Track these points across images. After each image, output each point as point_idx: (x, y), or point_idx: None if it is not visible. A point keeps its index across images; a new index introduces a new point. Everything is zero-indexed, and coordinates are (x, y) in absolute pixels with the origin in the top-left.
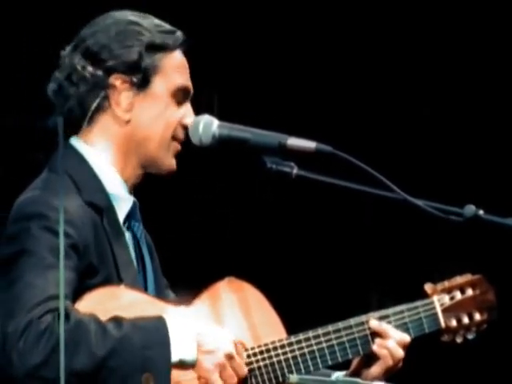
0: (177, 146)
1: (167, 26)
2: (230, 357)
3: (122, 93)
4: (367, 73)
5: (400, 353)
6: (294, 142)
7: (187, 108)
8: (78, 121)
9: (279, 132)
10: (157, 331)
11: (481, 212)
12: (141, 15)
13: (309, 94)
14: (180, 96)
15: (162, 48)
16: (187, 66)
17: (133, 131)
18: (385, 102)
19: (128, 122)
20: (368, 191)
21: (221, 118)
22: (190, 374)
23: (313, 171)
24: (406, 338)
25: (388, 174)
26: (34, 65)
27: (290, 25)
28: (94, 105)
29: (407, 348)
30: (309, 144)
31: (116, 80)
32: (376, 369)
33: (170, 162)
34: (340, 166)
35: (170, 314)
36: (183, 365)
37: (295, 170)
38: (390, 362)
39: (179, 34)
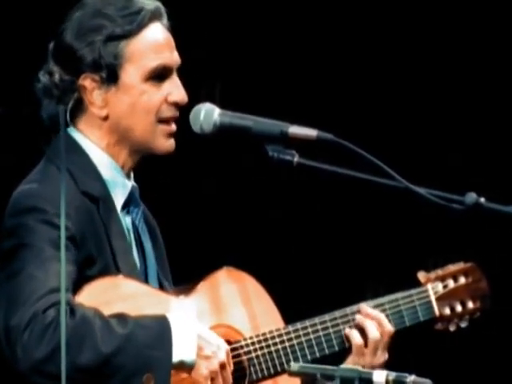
0: (167, 128)
1: (134, 7)
2: (223, 366)
3: (93, 91)
4: (367, 61)
5: (375, 333)
6: (296, 130)
7: (171, 83)
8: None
9: (281, 120)
10: (160, 331)
11: (482, 200)
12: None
13: (310, 83)
14: (158, 76)
15: (125, 36)
16: (162, 39)
17: (114, 124)
18: (385, 90)
19: (106, 117)
20: (369, 179)
21: (222, 106)
22: (185, 375)
23: (314, 161)
24: (385, 323)
25: (389, 162)
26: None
27: (291, 12)
28: (69, 107)
29: (391, 337)
30: (310, 132)
31: (84, 80)
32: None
33: (162, 144)
34: (341, 155)
35: (172, 309)
36: (182, 366)
37: (296, 158)
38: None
39: (147, 9)
